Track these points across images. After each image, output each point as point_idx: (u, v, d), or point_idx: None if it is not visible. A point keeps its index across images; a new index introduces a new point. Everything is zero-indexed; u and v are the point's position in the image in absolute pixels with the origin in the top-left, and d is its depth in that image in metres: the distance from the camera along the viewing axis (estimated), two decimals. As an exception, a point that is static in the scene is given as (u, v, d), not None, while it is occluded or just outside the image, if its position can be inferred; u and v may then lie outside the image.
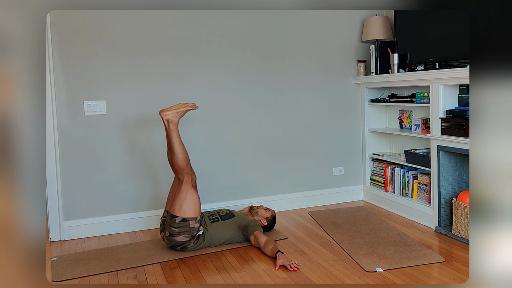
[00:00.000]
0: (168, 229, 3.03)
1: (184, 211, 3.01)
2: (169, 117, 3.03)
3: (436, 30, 3.44)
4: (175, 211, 3.01)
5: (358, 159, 4.35)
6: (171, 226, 3.02)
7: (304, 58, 4.07)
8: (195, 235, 3.05)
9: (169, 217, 3.04)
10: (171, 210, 3.04)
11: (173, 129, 3.03)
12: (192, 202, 3.03)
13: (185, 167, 3.04)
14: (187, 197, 3.02)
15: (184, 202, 3.01)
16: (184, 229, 3.01)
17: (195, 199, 3.05)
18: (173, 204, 3.04)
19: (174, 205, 3.03)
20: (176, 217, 3.00)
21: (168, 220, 3.04)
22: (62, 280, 2.73)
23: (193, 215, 3.03)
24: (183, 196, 3.02)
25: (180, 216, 3.00)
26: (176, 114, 3.05)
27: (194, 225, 3.04)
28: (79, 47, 3.43)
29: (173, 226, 3.01)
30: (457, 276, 2.62)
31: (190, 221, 3.01)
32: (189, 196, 3.03)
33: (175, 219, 3.00)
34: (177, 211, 3.01)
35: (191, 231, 3.03)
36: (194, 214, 3.03)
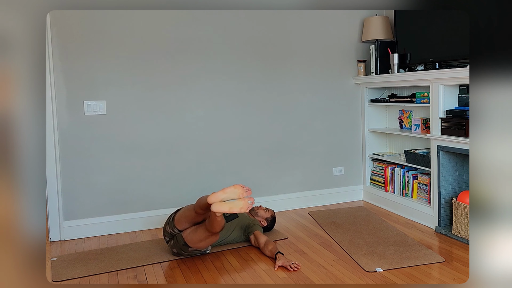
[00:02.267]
0: (178, 249, 2.94)
1: (201, 246, 2.90)
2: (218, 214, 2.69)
3: (436, 30, 3.44)
4: (191, 243, 2.87)
5: (358, 159, 4.35)
6: (182, 250, 2.93)
7: (304, 58, 4.07)
8: (203, 251, 3.04)
9: (181, 242, 2.90)
10: (186, 240, 2.87)
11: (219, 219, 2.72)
12: (210, 242, 2.90)
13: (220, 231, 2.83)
14: (207, 240, 2.86)
15: (203, 242, 2.86)
16: (194, 253, 2.98)
17: (214, 241, 2.89)
18: (191, 237, 2.86)
19: (192, 240, 2.85)
20: (190, 248, 2.91)
21: (180, 242, 2.91)
22: (62, 280, 2.73)
23: (205, 247, 2.96)
24: (204, 238, 2.84)
25: (194, 248, 2.91)
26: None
27: (205, 250, 3.02)
28: (79, 47, 3.43)
29: (184, 251, 2.93)
30: (457, 276, 2.62)
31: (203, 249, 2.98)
32: (209, 240, 2.86)
33: (188, 248, 2.90)
34: (193, 245, 2.88)
35: (200, 251, 3.01)
36: (206, 247, 2.96)
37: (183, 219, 2.89)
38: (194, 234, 2.85)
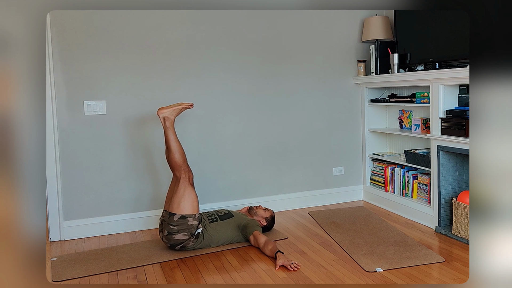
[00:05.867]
0: (167, 227, 3.04)
1: (182, 208, 3.02)
2: (165, 115, 3.11)
3: (436, 30, 3.44)
4: (173, 209, 3.03)
5: (358, 159, 4.35)
6: (169, 225, 3.02)
7: (304, 58, 4.07)
8: (194, 233, 3.06)
9: (167, 216, 3.05)
10: (169, 209, 3.06)
11: (169, 126, 3.11)
12: (190, 199, 3.05)
13: (182, 164, 3.09)
14: (184, 194, 3.04)
15: (182, 199, 3.03)
16: (183, 226, 3.01)
17: (193, 196, 3.06)
18: (171, 202, 3.05)
19: (172, 203, 3.04)
20: (175, 215, 3.01)
21: (166, 219, 3.05)
22: (62, 280, 2.73)
23: (191, 212, 3.04)
24: (180, 193, 3.04)
25: (179, 214, 3.01)
26: (172, 111, 3.13)
27: (193, 222, 3.04)
28: (79, 47, 3.43)
29: (171, 224, 3.01)
30: (457, 276, 2.62)
31: (189, 218, 3.02)
32: (186, 193, 3.04)
33: (173, 217, 3.01)
34: (175, 209, 3.02)
35: (190, 228, 3.03)
36: (192, 211, 3.04)
37: (168, 194, 3.19)
38: (172, 198, 3.07)
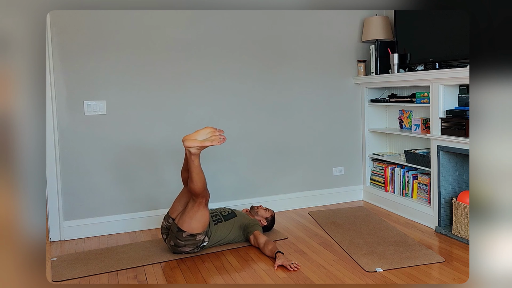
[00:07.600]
0: (174, 240, 2.98)
1: (193, 228, 2.94)
2: (192, 150, 2.82)
3: (436, 30, 3.44)
4: (183, 225, 2.93)
5: (358, 159, 4.35)
6: (177, 238, 2.96)
7: (304, 58, 4.07)
8: (200, 245, 3.05)
9: (175, 229, 2.97)
10: (178, 223, 2.96)
11: (194, 159, 2.85)
12: (203, 220, 2.96)
13: (202, 191, 2.92)
14: (197, 215, 2.94)
15: (194, 219, 2.93)
16: (190, 242, 2.98)
17: (205, 218, 2.96)
18: (182, 218, 2.95)
19: (183, 220, 2.94)
20: (184, 232, 2.94)
21: (174, 231, 2.98)
22: (62, 280, 2.73)
23: (201, 230, 2.98)
24: (193, 213, 2.93)
25: (188, 232, 2.95)
26: (200, 148, 2.84)
27: (201, 238, 3.01)
28: (79, 47, 3.43)
29: (179, 238, 2.96)
30: (457, 276, 2.62)
31: (198, 235, 2.98)
32: (199, 215, 2.94)
33: (182, 234, 2.94)
34: (186, 227, 2.93)
35: (197, 243, 3.01)
36: (202, 230, 2.98)
37: (176, 203, 3.07)
38: (184, 214, 2.96)
